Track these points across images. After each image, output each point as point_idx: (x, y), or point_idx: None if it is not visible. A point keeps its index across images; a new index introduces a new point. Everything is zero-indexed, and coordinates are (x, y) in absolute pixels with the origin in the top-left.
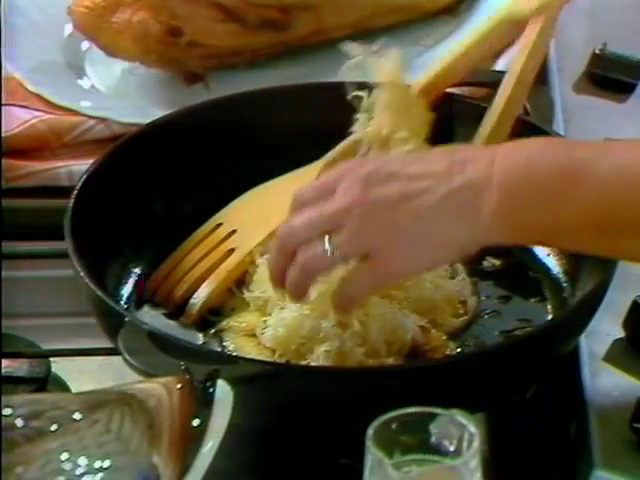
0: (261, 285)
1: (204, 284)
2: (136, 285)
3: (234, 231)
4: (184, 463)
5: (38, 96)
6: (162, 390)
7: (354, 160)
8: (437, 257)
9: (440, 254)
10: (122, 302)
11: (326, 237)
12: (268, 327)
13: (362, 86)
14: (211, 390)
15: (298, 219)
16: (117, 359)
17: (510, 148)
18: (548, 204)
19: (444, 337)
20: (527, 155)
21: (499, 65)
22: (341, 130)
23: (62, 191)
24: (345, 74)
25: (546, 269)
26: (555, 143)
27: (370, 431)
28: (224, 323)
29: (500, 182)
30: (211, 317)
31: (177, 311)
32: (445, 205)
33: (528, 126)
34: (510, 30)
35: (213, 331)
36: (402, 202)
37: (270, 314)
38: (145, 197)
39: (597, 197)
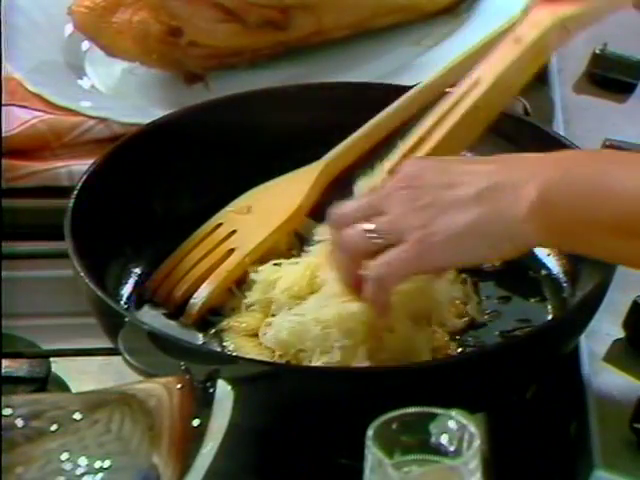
0: (263, 286)
1: (204, 284)
2: (136, 285)
3: (234, 231)
4: (184, 463)
5: (38, 96)
6: (162, 390)
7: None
8: (471, 250)
9: (475, 248)
10: (122, 302)
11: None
12: (270, 327)
13: (362, 87)
14: (211, 390)
15: (348, 203)
16: (117, 359)
17: (552, 154)
18: (583, 203)
19: (446, 337)
20: (566, 161)
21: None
22: (341, 130)
23: (62, 191)
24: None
25: (546, 269)
26: (588, 153)
27: (370, 431)
28: (224, 323)
29: (539, 181)
30: (211, 317)
31: (177, 311)
32: (485, 195)
33: (528, 126)
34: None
35: (213, 331)
36: (444, 189)
37: (274, 315)
38: (145, 197)
39: (628, 199)
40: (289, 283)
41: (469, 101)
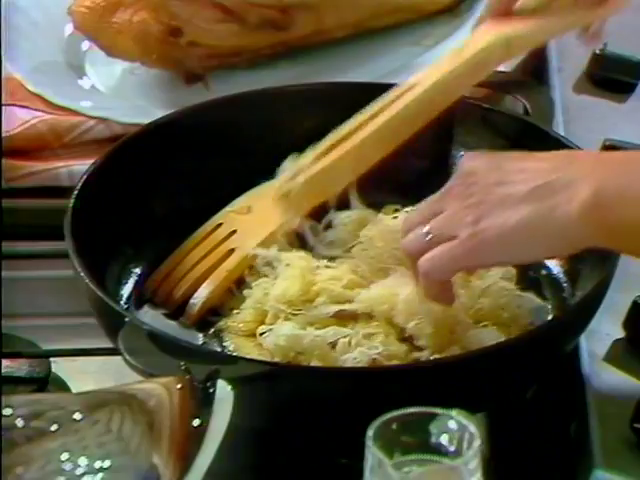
0: (257, 293)
1: (204, 284)
2: (136, 285)
3: (234, 231)
4: (184, 463)
5: (38, 96)
6: (162, 390)
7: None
8: (521, 250)
9: (525, 247)
10: (122, 302)
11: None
12: (269, 331)
13: (362, 87)
14: (211, 390)
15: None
16: (117, 359)
17: (608, 154)
18: (638, 202)
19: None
20: (621, 161)
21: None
22: None
23: (62, 191)
24: None
25: (546, 269)
26: None
27: (370, 431)
28: (222, 323)
29: (593, 180)
30: (211, 317)
31: (177, 311)
32: (536, 193)
33: (528, 126)
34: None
35: (213, 331)
36: (496, 186)
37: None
38: (145, 197)
39: None
40: (282, 290)
41: (401, 103)
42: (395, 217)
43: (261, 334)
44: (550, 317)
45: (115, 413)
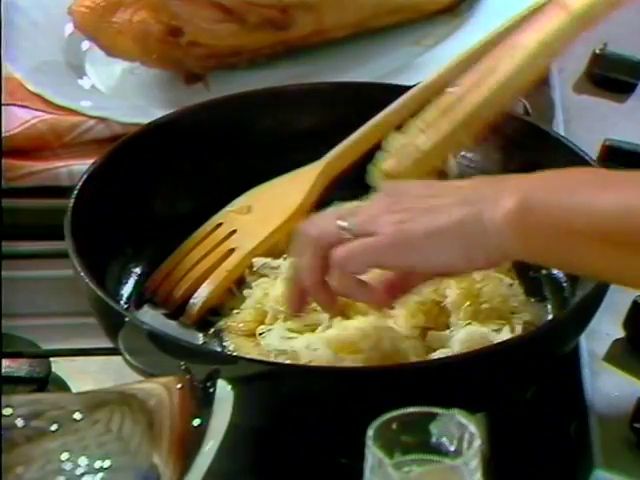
0: (257, 295)
1: (204, 284)
2: (136, 285)
3: (234, 231)
4: (184, 463)
5: (38, 96)
6: (162, 390)
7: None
8: (445, 253)
9: (445, 255)
10: (122, 302)
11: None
12: (268, 332)
13: (362, 87)
14: (211, 390)
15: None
16: (117, 359)
17: (536, 173)
18: (564, 211)
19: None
20: (548, 173)
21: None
22: (341, 130)
23: (62, 191)
24: None
25: (546, 269)
26: (577, 169)
27: (370, 431)
28: (221, 323)
29: (520, 190)
30: (211, 317)
31: (177, 311)
32: (464, 203)
33: (528, 126)
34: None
35: (213, 331)
36: (426, 197)
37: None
38: (145, 197)
39: (608, 204)
40: (281, 291)
41: (510, 63)
42: None
43: (260, 334)
44: (550, 317)
45: (115, 413)
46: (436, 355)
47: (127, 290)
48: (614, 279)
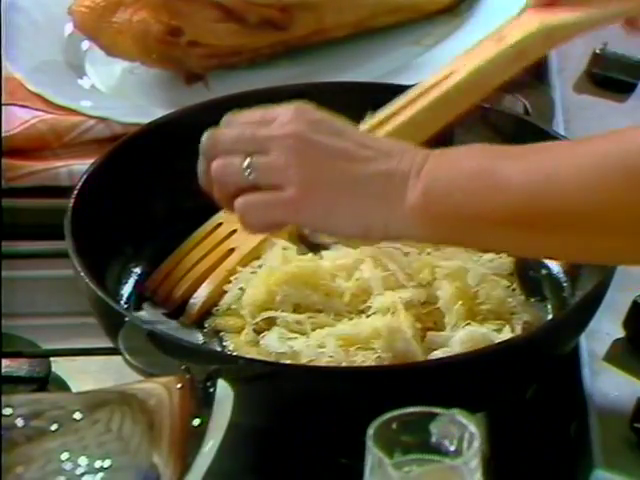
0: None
1: (204, 284)
2: (136, 285)
3: (234, 231)
4: (184, 463)
5: (38, 96)
6: (162, 390)
7: (308, 106)
8: (341, 224)
9: (346, 222)
10: (122, 302)
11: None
12: (268, 332)
13: (362, 86)
14: (211, 390)
15: (227, 131)
16: (117, 359)
17: (443, 150)
18: (468, 198)
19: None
20: (454, 155)
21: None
22: None
23: (62, 191)
24: None
25: (546, 268)
26: (479, 147)
27: (370, 431)
28: (210, 320)
29: (426, 175)
30: (211, 317)
31: (177, 311)
32: (375, 180)
33: (528, 126)
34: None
35: (212, 331)
36: (339, 158)
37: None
38: (145, 197)
39: (514, 191)
40: (251, 298)
41: (440, 89)
42: None
43: (260, 334)
44: (550, 317)
45: (115, 413)
46: (436, 355)
47: (127, 290)
48: (525, 255)
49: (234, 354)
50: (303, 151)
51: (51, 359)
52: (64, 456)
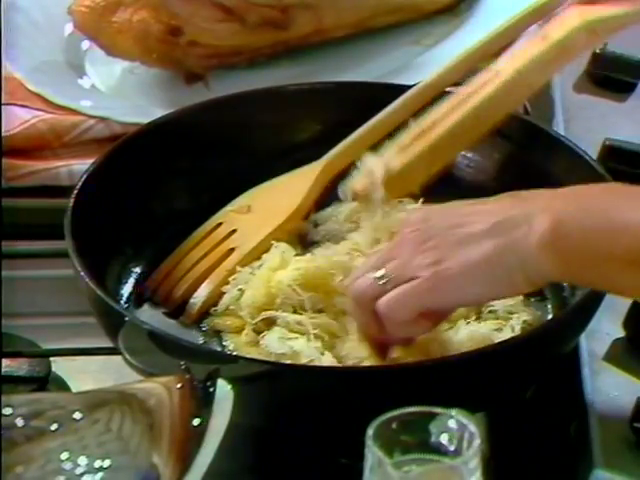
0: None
1: (204, 284)
2: (136, 284)
3: (234, 231)
4: (184, 463)
5: (38, 96)
6: (162, 390)
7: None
8: (483, 288)
9: (486, 284)
10: (122, 301)
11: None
12: (268, 332)
13: (362, 86)
14: (211, 390)
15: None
16: (117, 359)
17: (565, 189)
18: (597, 235)
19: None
20: (578, 189)
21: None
22: (341, 130)
23: (62, 191)
24: None
25: None
26: (603, 187)
27: (370, 431)
28: (208, 320)
29: (552, 213)
30: (211, 317)
31: (177, 311)
32: (492, 232)
33: (528, 126)
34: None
35: (213, 330)
36: (454, 228)
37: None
38: (145, 197)
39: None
40: (251, 299)
41: (487, 91)
42: None
43: (260, 334)
44: (550, 317)
45: (115, 413)
46: (436, 355)
47: (127, 290)
48: None
49: (234, 354)
50: (421, 239)
51: (51, 359)
52: (64, 456)
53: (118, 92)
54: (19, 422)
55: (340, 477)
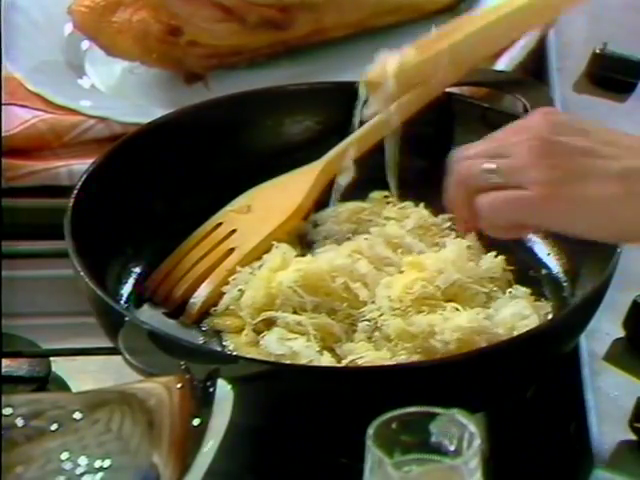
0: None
1: (204, 284)
2: (136, 284)
3: (234, 231)
4: (184, 463)
5: (38, 95)
6: (162, 390)
7: (553, 109)
8: (590, 225)
9: (594, 223)
10: (122, 301)
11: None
12: (268, 332)
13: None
14: (211, 390)
15: (476, 144)
16: (117, 359)
17: None
18: None
19: None
20: None
21: (499, 65)
22: (341, 130)
23: (62, 191)
24: None
25: (546, 268)
26: None
27: (370, 431)
28: (208, 320)
29: None
30: (211, 317)
31: (177, 311)
32: (623, 176)
33: None
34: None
35: (213, 330)
36: (584, 156)
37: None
38: (145, 197)
39: None
40: (250, 300)
41: (518, 3)
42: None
43: (260, 334)
44: (550, 317)
45: (115, 412)
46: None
47: (127, 290)
48: None
49: (234, 354)
50: (546, 151)
51: (51, 359)
52: (64, 456)
53: (118, 92)
54: (19, 422)
55: (340, 477)
